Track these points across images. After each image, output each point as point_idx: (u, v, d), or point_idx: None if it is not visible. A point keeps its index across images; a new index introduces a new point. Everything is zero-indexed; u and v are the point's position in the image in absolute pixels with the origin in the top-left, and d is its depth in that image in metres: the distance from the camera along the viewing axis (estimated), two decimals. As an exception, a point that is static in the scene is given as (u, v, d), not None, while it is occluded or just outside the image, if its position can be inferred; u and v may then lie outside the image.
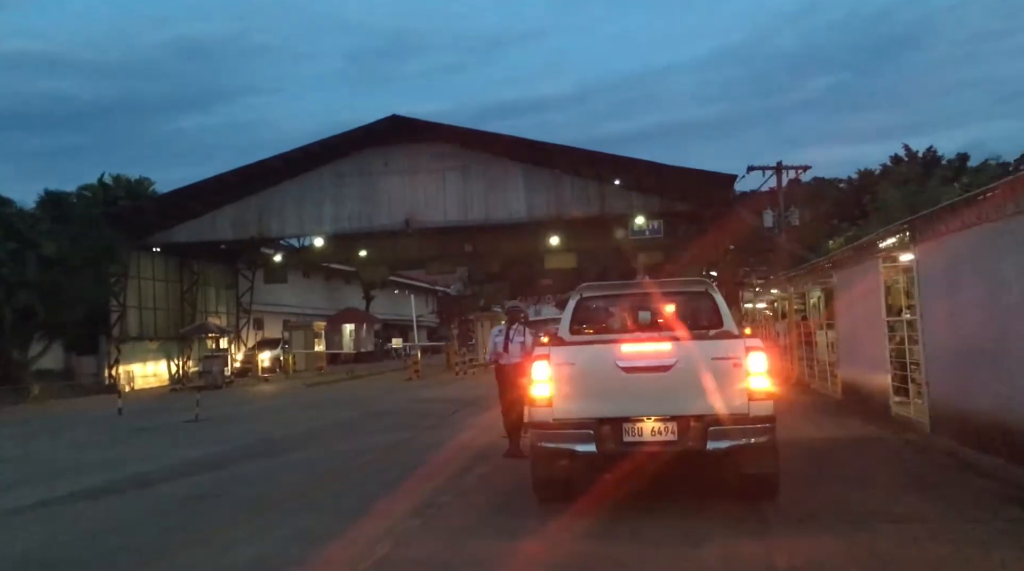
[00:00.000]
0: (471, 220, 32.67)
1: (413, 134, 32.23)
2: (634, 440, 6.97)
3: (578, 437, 7.02)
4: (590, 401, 7.07)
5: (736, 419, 6.84)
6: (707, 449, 6.88)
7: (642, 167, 31.20)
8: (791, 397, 17.11)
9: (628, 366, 7.01)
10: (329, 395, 25.05)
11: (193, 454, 11.95)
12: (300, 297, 51.68)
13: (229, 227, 33.05)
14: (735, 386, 6.88)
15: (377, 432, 13.94)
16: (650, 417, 6.95)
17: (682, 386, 6.95)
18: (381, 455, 11.18)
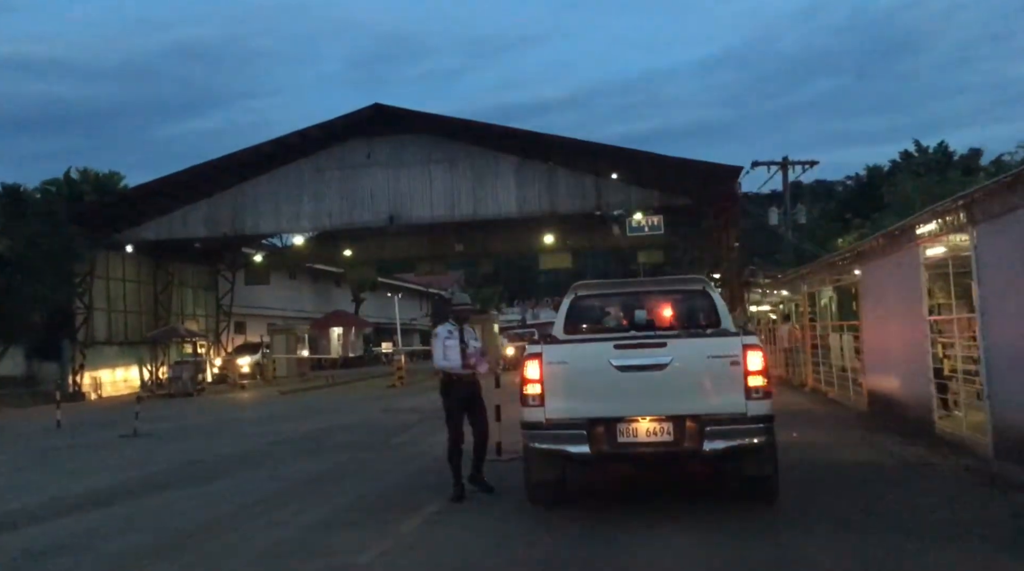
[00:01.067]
0: (459, 216, 30.67)
1: (397, 124, 30.24)
2: (629, 441, 6.74)
3: (570, 438, 6.78)
4: (583, 401, 6.81)
5: (734, 419, 6.59)
6: (704, 450, 6.62)
7: (641, 159, 29.22)
8: (807, 407, 15.11)
9: (622, 365, 6.76)
10: (300, 405, 23.06)
11: (97, 483, 9.94)
12: (286, 300, 49.66)
13: (201, 224, 31.05)
14: (732, 385, 6.63)
15: (331, 451, 11.97)
16: (645, 417, 6.70)
17: (678, 385, 6.74)
18: (319, 485, 9.20)
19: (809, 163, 43.76)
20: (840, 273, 16.92)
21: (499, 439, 10.31)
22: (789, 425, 12.23)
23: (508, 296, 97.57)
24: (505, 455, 10.24)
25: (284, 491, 8.88)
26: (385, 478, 9.44)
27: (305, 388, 29.67)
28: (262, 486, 9.18)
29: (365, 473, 9.89)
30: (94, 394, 31.14)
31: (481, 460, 8.33)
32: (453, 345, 7.99)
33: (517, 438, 11.64)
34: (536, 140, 29.79)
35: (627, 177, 29.82)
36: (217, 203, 30.97)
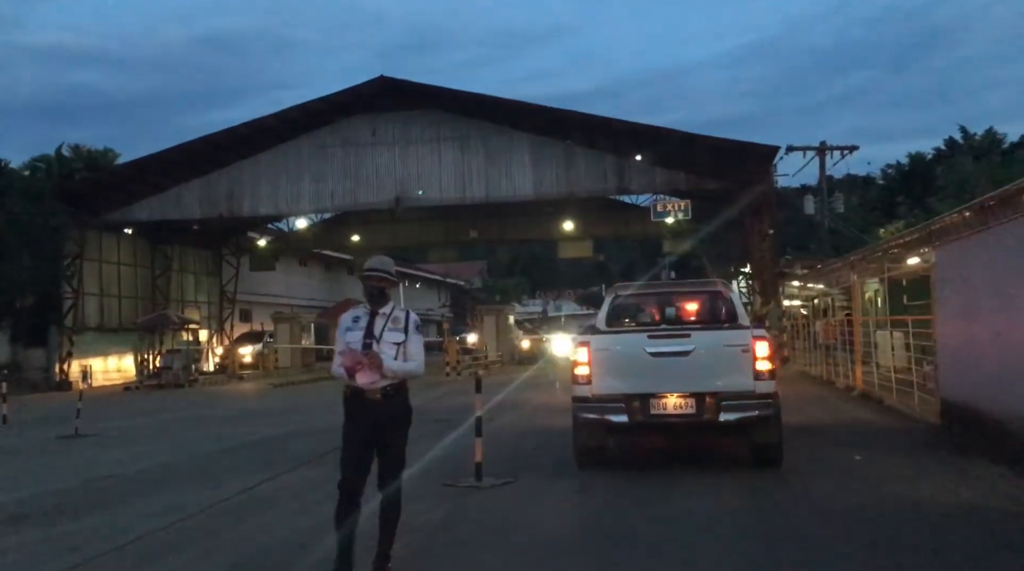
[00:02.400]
0: (470, 198, 28.50)
1: (405, 99, 28.13)
2: (660, 413, 8.18)
3: (612, 409, 8.23)
4: (623, 380, 8.28)
5: (744, 395, 8.01)
6: (720, 420, 8.06)
7: (667, 138, 26.85)
8: (862, 417, 12.78)
9: (655, 352, 8.26)
10: (286, 400, 21.04)
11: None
12: (295, 287, 47.81)
13: (196, 204, 29.14)
14: (743, 369, 8.06)
15: (278, 464, 9.86)
16: (672, 393, 8.16)
17: (699, 368, 8.17)
18: (211, 525, 7.06)
19: (848, 149, 41.08)
20: (896, 260, 14.57)
21: (480, 459, 8.17)
22: (847, 443, 9.97)
23: (530, 287, 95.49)
24: (490, 480, 8.08)
25: (153, 537, 6.62)
26: (296, 521, 7.19)
27: (301, 380, 27.70)
28: (139, 524, 6.95)
29: (276, 509, 7.67)
30: (83, 384, 29.36)
31: (388, 541, 5.19)
32: (356, 340, 5.17)
33: (508, 453, 9.42)
34: (553, 116, 27.54)
35: (652, 158, 27.46)
36: (213, 182, 29.05)
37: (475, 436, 8.35)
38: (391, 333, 5.23)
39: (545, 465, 9.20)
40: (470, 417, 14.32)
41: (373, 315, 5.28)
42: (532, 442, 10.97)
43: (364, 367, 5.04)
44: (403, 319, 5.33)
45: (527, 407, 15.80)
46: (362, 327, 5.24)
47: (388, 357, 5.13)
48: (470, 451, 8.48)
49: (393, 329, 5.25)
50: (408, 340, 5.25)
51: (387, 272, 5.39)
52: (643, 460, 9.59)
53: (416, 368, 5.31)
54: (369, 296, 5.34)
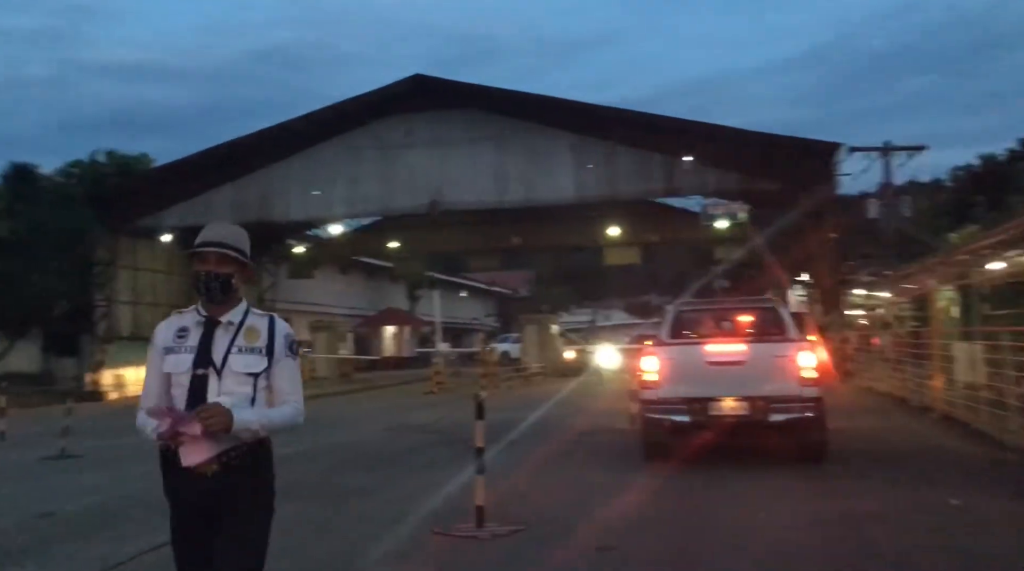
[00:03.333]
0: (508, 201, 27.08)
1: (440, 98, 26.89)
2: (717, 414, 9.31)
3: (676, 410, 9.43)
4: (685, 385, 9.47)
5: (792, 399, 9.07)
6: (770, 420, 9.15)
7: (718, 135, 25.16)
8: (948, 445, 10.94)
9: (713, 361, 9.48)
10: (312, 414, 19.71)
11: None
12: (336, 295, 46.98)
13: (227, 210, 28.17)
14: (791, 376, 9.17)
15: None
16: (728, 397, 9.28)
17: (752, 375, 9.28)
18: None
19: (915, 149, 38.77)
20: (981, 263, 12.74)
21: (480, 501, 6.70)
22: (937, 479, 8.23)
23: (578, 297, 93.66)
24: (493, 527, 6.60)
25: None
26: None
27: (332, 393, 26.55)
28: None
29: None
30: (115, 393, 28.73)
31: None
32: (181, 370, 3.20)
33: (513, 499, 7.96)
34: (595, 114, 26.05)
35: (702, 157, 25.71)
36: (244, 186, 28.16)
37: (476, 473, 6.85)
38: (243, 357, 3.19)
39: (568, 509, 7.66)
40: (502, 438, 12.96)
41: (211, 324, 3.23)
42: (558, 479, 9.42)
43: (189, 435, 2.97)
44: (263, 331, 3.26)
45: (564, 430, 14.22)
46: (191, 346, 3.20)
47: (239, 401, 3.13)
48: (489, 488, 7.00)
49: (247, 350, 3.21)
50: (275, 368, 3.27)
51: (232, 247, 3.29)
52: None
53: (292, 417, 3.36)
54: (204, 289, 3.24)
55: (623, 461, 10.23)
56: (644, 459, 9.82)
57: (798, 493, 8.01)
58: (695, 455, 9.52)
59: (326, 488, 8.97)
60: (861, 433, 12.33)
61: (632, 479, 8.98)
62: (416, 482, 9.30)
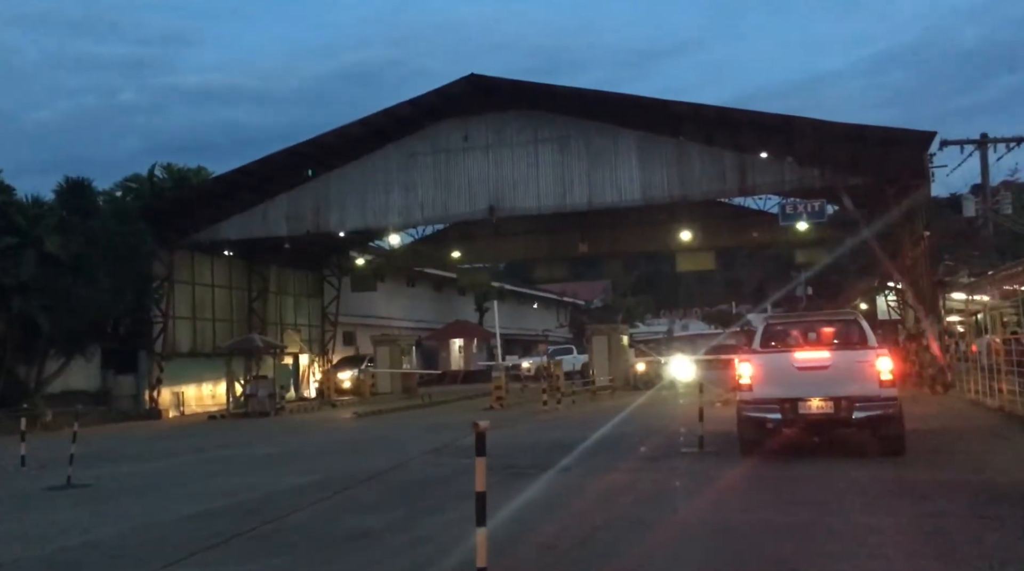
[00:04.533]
0: (571, 205, 25.65)
1: (497, 99, 25.69)
2: (805, 412, 10.49)
3: (769, 409, 10.64)
4: (777, 387, 10.67)
5: (871, 399, 10.29)
6: (853, 418, 10.37)
7: (796, 128, 23.19)
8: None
9: (801, 366, 10.75)
10: (356, 434, 18.78)
11: None
12: (403, 308, 46.20)
13: (282, 220, 27.60)
14: (870, 379, 10.38)
15: (232, 545, 7.23)
16: (815, 398, 10.45)
17: (836, 379, 10.47)
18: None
19: (1015, 140, 35.79)
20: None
21: (483, 562, 5.28)
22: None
23: (655, 306, 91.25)
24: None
25: None
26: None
27: (390, 409, 25.41)
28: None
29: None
30: (174, 411, 28.34)
31: None
32: None
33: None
34: (663, 109, 24.39)
35: (778, 153, 23.80)
36: (298, 196, 27.47)
37: (476, 526, 5.41)
38: None
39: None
40: (555, 462, 11.48)
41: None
42: (613, 519, 7.86)
43: None
44: None
45: (626, 454, 12.62)
46: None
47: None
48: (526, 526, 5.56)
49: None
50: None
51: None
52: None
53: None
54: None
55: (693, 497, 8.65)
56: (740, 455, 11.01)
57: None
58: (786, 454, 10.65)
59: (327, 532, 7.61)
60: (970, 458, 10.43)
61: (703, 521, 7.42)
62: (438, 522, 7.90)
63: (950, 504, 7.61)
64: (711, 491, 8.91)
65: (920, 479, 9.11)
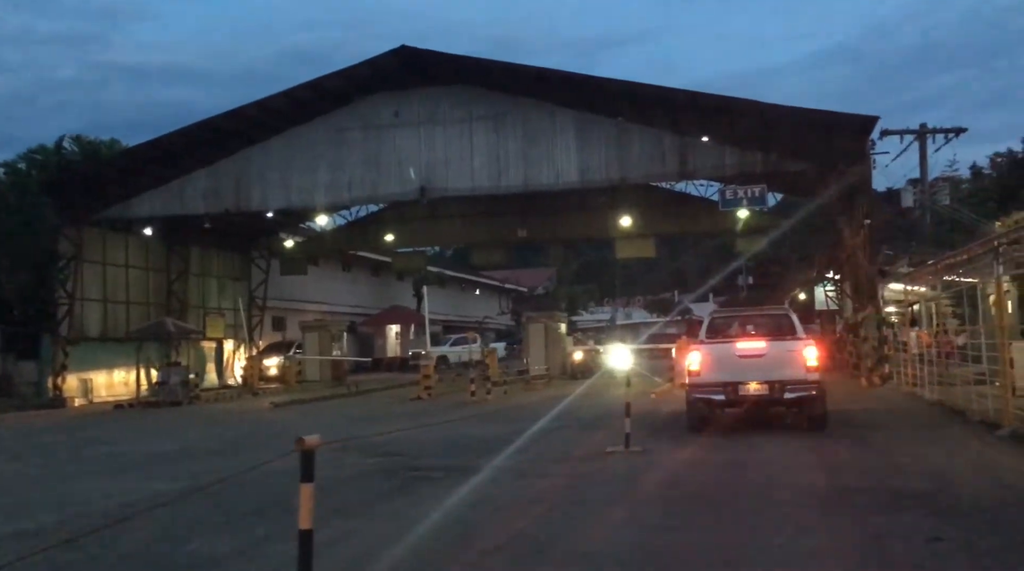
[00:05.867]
0: (505, 186, 24.54)
1: (431, 73, 24.41)
2: (745, 394, 12.33)
3: (714, 391, 12.44)
4: (721, 373, 12.44)
5: (799, 382, 12.16)
6: (784, 398, 12.30)
7: (738, 110, 22.40)
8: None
9: (741, 354, 12.55)
10: (264, 426, 17.46)
11: None
12: (339, 293, 44.67)
13: (201, 198, 25.91)
14: (799, 364, 12.25)
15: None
16: (753, 381, 12.23)
17: (771, 365, 12.29)
18: None
19: (954, 131, 35.79)
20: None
21: None
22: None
23: (599, 295, 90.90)
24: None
25: None
26: None
27: (310, 398, 24.06)
28: None
29: None
30: (82, 399, 26.50)
31: None
32: None
33: None
34: (601, 88, 23.41)
35: (720, 136, 23.02)
36: (219, 172, 25.80)
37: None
38: None
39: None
40: (469, 462, 10.38)
41: None
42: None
43: None
44: None
45: (543, 453, 11.60)
46: None
47: None
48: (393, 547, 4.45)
49: None
50: None
51: None
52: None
53: None
54: None
55: (604, 512, 7.63)
56: (689, 430, 12.63)
57: None
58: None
59: (161, 562, 6.36)
60: (916, 464, 9.66)
61: (612, 543, 6.39)
62: (293, 546, 6.72)
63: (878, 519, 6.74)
64: (625, 504, 7.91)
65: (849, 486, 8.28)
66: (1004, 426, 11.63)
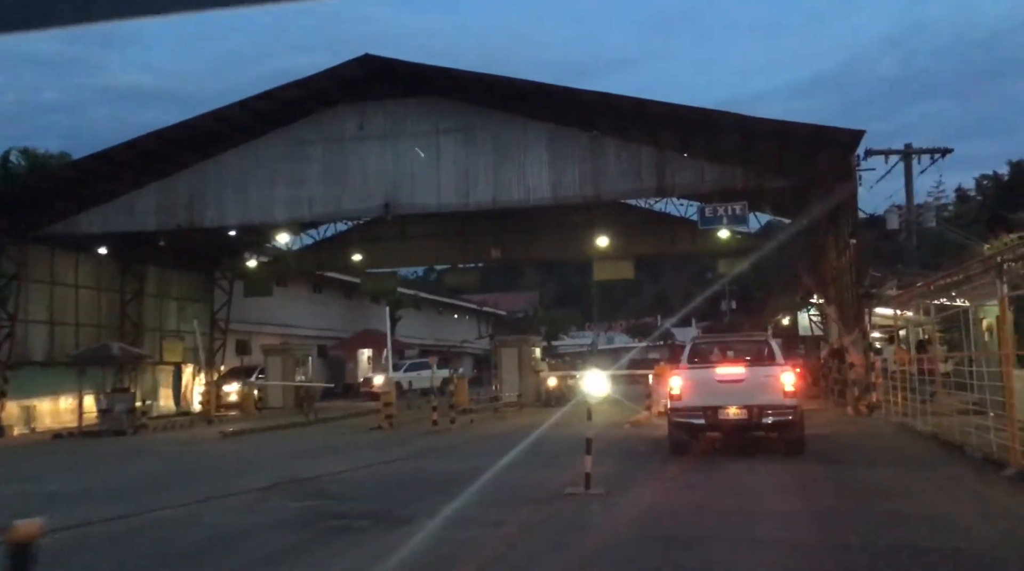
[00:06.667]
0: (475, 203, 23.26)
1: (397, 84, 23.16)
2: (724, 418, 12.40)
3: (694, 415, 12.57)
4: (701, 397, 12.55)
5: (778, 406, 12.22)
6: (763, 422, 12.33)
7: (717, 124, 21.27)
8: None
9: (721, 379, 12.67)
10: (204, 458, 16.00)
11: None
12: (309, 316, 43.10)
13: (151, 213, 24.50)
14: (777, 390, 12.33)
15: None
16: (732, 406, 12.31)
17: (750, 390, 12.40)
18: None
19: (940, 152, 34.92)
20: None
21: None
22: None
23: (582, 319, 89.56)
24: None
25: None
26: None
27: (264, 428, 22.50)
28: None
29: None
30: (23, 428, 24.83)
31: None
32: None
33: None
34: (576, 100, 22.22)
35: (700, 150, 21.93)
36: (171, 187, 24.41)
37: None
38: None
39: None
40: (406, 508, 9.00)
41: None
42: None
43: None
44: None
45: (495, 496, 10.25)
46: None
47: None
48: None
49: None
50: None
51: None
52: None
53: None
54: None
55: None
56: (670, 453, 12.73)
57: None
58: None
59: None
60: (928, 513, 8.36)
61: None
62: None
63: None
64: (569, 564, 6.56)
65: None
66: (1009, 465, 10.37)
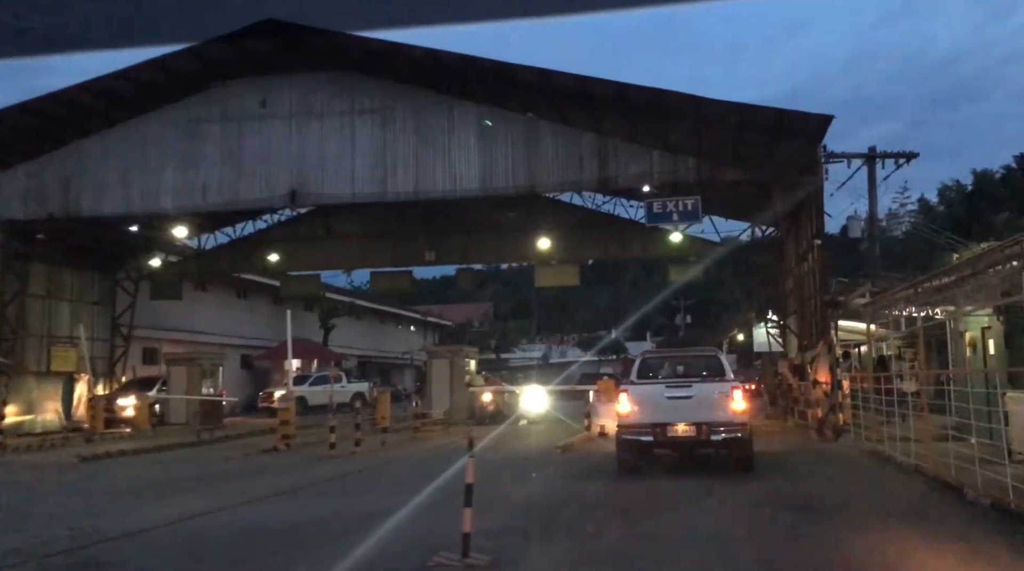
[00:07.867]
0: (393, 192, 20.40)
1: (306, 55, 20.22)
2: (672, 435, 12.16)
3: (643, 432, 12.27)
4: (650, 414, 12.25)
5: (726, 423, 12.01)
6: (711, 439, 12.08)
7: (669, 105, 18.69)
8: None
9: (670, 396, 12.35)
10: (31, 490, 12.77)
11: None
12: (230, 323, 39.61)
13: (18, 199, 21.19)
14: (726, 407, 12.09)
15: None
16: (681, 423, 12.07)
17: (699, 406, 12.14)
18: None
19: (905, 157, 32.90)
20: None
21: None
22: None
23: (537, 332, 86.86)
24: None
25: None
26: None
27: (139, 449, 19.16)
28: None
29: None
30: None
31: None
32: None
33: None
34: (509, 77, 19.48)
35: (648, 136, 19.34)
36: (43, 169, 21.16)
37: None
38: None
39: None
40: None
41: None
42: None
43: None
44: None
45: (348, 555, 7.34)
46: None
47: None
48: None
49: None
50: None
51: None
52: None
53: None
54: None
55: None
56: (619, 472, 12.61)
57: None
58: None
59: None
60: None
61: None
62: None
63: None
64: None
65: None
66: (1011, 501, 7.76)
